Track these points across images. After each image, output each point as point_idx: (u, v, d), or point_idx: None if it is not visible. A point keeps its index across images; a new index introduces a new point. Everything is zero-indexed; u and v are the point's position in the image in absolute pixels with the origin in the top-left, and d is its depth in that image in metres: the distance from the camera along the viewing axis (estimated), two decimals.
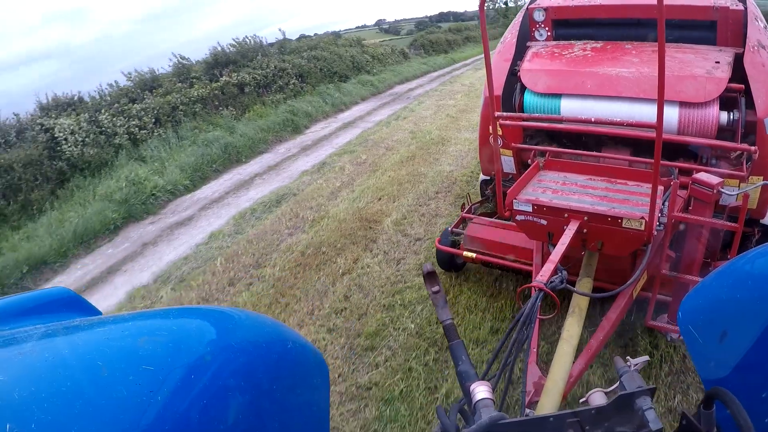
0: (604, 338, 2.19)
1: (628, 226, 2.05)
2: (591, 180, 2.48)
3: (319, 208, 5.59)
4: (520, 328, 1.50)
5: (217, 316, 1.02)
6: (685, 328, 1.25)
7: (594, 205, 2.17)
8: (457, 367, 1.18)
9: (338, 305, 3.69)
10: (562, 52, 3.01)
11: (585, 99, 2.68)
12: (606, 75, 2.67)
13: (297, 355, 1.08)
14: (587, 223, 2.11)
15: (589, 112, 2.62)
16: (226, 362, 0.87)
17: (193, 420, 0.77)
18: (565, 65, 2.87)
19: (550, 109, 2.75)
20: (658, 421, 0.92)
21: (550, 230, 2.21)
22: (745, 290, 1.13)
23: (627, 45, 2.98)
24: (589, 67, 2.79)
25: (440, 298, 1.31)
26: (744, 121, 2.47)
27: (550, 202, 2.19)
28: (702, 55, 2.70)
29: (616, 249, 2.18)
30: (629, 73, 2.64)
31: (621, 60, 2.80)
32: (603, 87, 2.64)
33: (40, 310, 1.06)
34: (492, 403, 1.03)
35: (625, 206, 2.16)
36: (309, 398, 1.09)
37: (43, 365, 0.74)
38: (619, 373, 1.02)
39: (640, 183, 2.41)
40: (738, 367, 1.08)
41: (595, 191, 2.34)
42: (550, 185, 2.43)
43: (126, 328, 0.90)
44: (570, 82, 2.73)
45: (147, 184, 6.71)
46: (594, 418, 0.95)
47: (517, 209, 2.24)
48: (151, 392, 0.73)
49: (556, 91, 2.73)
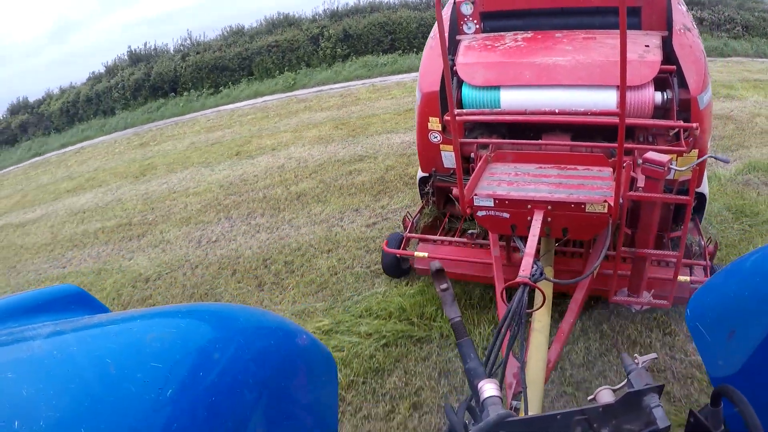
0: (573, 320, 2.24)
1: (592, 210, 2.08)
2: (542, 168, 2.48)
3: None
4: (509, 325, 1.51)
5: (224, 313, 1.00)
6: (693, 326, 1.24)
7: (552, 193, 2.18)
8: (466, 365, 1.17)
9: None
10: (494, 44, 2.99)
11: (524, 89, 2.68)
12: (543, 64, 2.68)
13: (305, 351, 1.06)
14: (551, 212, 2.13)
15: (529, 102, 2.63)
16: (234, 359, 0.86)
17: (201, 417, 0.76)
18: (500, 57, 2.86)
19: (489, 101, 2.73)
20: (666, 418, 0.91)
21: (514, 222, 2.21)
22: (753, 289, 1.13)
23: (557, 34, 2.98)
24: (525, 57, 2.80)
25: (448, 295, 1.29)
26: (678, 99, 2.54)
27: (512, 195, 2.19)
28: (631, 40, 2.71)
29: (581, 234, 2.23)
30: (565, 61, 2.66)
31: (555, 49, 2.81)
32: (541, 76, 2.65)
33: (49, 308, 1.05)
34: (500, 401, 1.02)
35: (583, 191, 2.19)
36: (317, 394, 1.08)
37: (52, 363, 0.73)
38: (627, 370, 1.00)
39: (589, 167, 2.44)
40: (746, 365, 1.08)
41: (549, 179, 2.35)
42: (503, 177, 2.41)
43: (134, 326, 0.88)
44: (508, 74, 2.72)
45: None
46: (601, 416, 0.94)
47: (478, 205, 2.23)
48: (159, 389, 0.72)
49: (494, 83, 2.71)
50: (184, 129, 10.00)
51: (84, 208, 6.78)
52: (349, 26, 12.68)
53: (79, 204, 7.08)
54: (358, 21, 12.91)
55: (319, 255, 4.05)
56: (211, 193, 5.93)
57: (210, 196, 5.84)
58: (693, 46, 2.68)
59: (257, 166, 6.60)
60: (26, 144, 14.28)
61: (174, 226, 5.21)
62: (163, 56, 13.92)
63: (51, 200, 7.90)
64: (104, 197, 7.02)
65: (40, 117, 15.04)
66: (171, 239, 4.93)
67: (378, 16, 12.85)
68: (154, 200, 6.21)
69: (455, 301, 1.29)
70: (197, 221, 5.21)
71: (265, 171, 6.32)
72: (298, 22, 13.64)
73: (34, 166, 11.72)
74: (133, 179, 7.44)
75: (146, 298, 3.94)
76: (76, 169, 9.41)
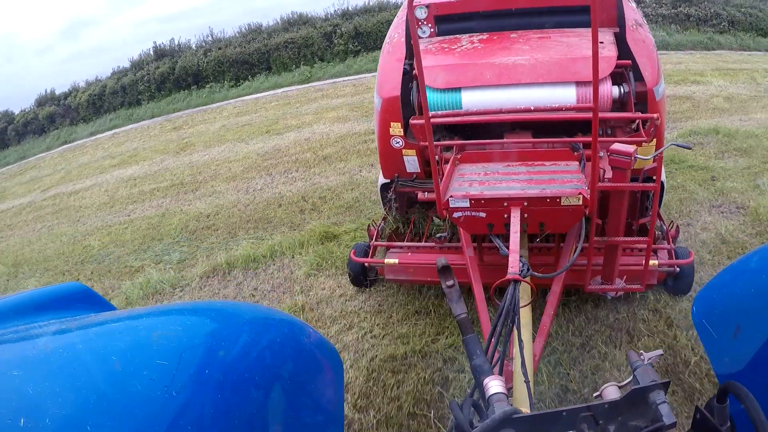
0: (553, 313, 2.30)
1: (568, 203, 2.13)
2: (510, 166, 2.53)
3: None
4: (504, 321, 1.50)
5: (231, 311, 1.02)
6: (699, 322, 1.24)
7: (526, 189, 2.22)
8: (472, 361, 1.18)
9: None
10: (451, 46, 3.01)
11: (486, 89, 2.71)
12: (503, 64, 2.72)
13: (312, 349, 1.08)
14: (528, 208, 2.18)
15: (491, 102, 2.68)
16: (240, 357, 0.87)
17: (207, 414, 0.76)
18: (459, 59, 2.88)
19: (451, 103, 2.75)
20: (672, 415, 0.91)
21: (490, 221, 2.23)
22: (759, 286, 1.13)
23: (512, 34, 3.05)
24: (484, 58, 2.83)
25: (455, 292, 1.30)
26: (635, 92, 2.66)
27: (488, 194, 2.21)
28: (585, 38, 2.84)
29: (558, 227, 2.30)
30: (525, 60, 2.71)
31: (512, 49, 2.86)
32: (502, 76, 2.68)
33: (55, 306, 1.06)
34: (505, 398, 1.03)
35: (555, 186, 2.24)
36: (323, 392, 1.09)
37: (58, 360, 0.73)
38: (633, 367, 1.01)
39: (556, 162, 2.51)
40: (752, 362, 1.07)
41: (519, 176, 2.40)
42: (474, 178, 2.43)
43: (140, 323, 0.89)
44: (469, 75, 2.74)
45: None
46: (607, 413, 0.94)
47: (454, 207, 2.24)
48: (165, 387, 0.73)
49: (456, 85, 2.73)
50: (213, 115, 11.01)
51: (134, 176, 7.76)
52: (360, 24, 13.71)
53: (127, 174, 8.06)
54: (367, 20, 13.96)
55: (345, 192, 5.09)
56: (250, 159, 6.92)
57: (249, 161, 6.83)
58: (645, 40, 2.79)
59: (287, 140, 7.59)
60: (54, 133, 15.30)
61: (222, 182, 6.20)
62: (186, 51, 14.97)
63: (97, 174, 8.86)
64: (150, 168, 8.00)
65: (67, 108, 16.06)
66: (222, 191, 5.91)
67: (386, 15, 13.88)
68: (199, 167, 7.20)
69: (461, 298, 1.30)
70: (242, 178, 6.20)
71: (294, 143, 7.32)
72: (312, 20, 14.70)
73: (69, 150, 12.67)
74: (175, 154, 8.43)
75: (210, 226, 4.93)
76: (115, 150, 10.39)
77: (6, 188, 10.69)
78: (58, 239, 5.97)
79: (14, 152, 15.12)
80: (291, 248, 3.99)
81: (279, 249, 4.01)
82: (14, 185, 10.69)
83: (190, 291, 3.75)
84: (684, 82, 8.39)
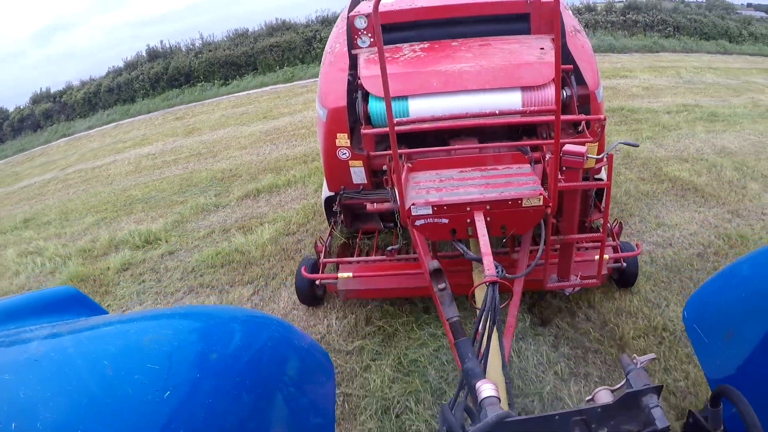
0: (516, 311, 2.32)
1: (529, 204, 2.17)
2: (464, 172, 2.55)
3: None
4: (485, 323, 1.49)
5: (222, 315, 1.04)
6: (690, 327, 1.26)
7: (484, 193, 2.25)
8: (463, 364, 1.18)
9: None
10: (394, 55, 3.04)
11: (433, 97, 2.74)
12: (449, 72, 2.75)
13: (303, 354, 1.10)
14: (490, 212, 2.19)
15: (438, 109, 2.71)
16: (231, 361, 0.89)
17: (198, 418, 0.77)
18: (404, 67, 2.90)
19: (398, 112, 2.75)
20: (665, 419, 0.93)
21: (453, 227, 2.24)
22: (750, 291, 1.16)
23: (453, 42, 3.12)
24: (428, 66, 2.86)
25: (446, 295, 1.29)
26: (577, 95, 2.77)
27: (450, 200, 2.23)
28: (525, 44, 2.93)
29: (519, 228, 2.31)
30: (470, 67, 2.75)
31: (455, 57, 2.91)
32: (449, 83, 2.72)
33: (47, 310, 1.08)
34: (498, 401, 1.04)
35: (512, 188, 2.28)
36: (314, 397, 1.10)
37: (49, 365, 0.74)
38: (626, 370, 1.01)
39: (509, 165, 2.57)
40: (743, 366, 1.09)
41: (475, 181, 2.42)
42: (430, 185, 2.44)
43: (131, 328, 0.90)
44: (415, 83, 2.77)
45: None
46: (600, 416, 0.96)
47: (416, 215, 2.24)
48: (156, 391, 0.74)
49: (403, 93, 2.74)
50: (211, 107, 12.48)
51: (152, 153, 9.17)
52: None
53: (145, 151, 9.45)
54: None
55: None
56: (255, 136, 8.49)
57: (254, 137, 8.40)
58: (585, 46, 2.91)
59: (283, 122, 9.19)
60: (52, 128, 16.40)
61: (235, 151, 7.76)
62: (177, 53, 16.38)
63: (114, 153, 10.13)
64: (165, 146, 9.42)
65: (62, 105, 17.20)
66: (236, 155, 7.47)
67: None
68: (211, 143, 8.71)
69: (453, 301, 1.29)
70: (252, 147, 7.78)
71: (290, 124, 8.93)
72: (294, 26, 16.39)
73: (73, 140, 13.80)
74: (185, 136, 9.89)
75: (234, 175, 6.49)
76: (124, 136, 11.70)
77: (18, 172, 11.65)
78: (97, 196, 7.13)
79: (12, 146, 16.09)
80: (302, 178, 5.63)
81: (293, 179, 5.64)
82: (26, 169, 11.65)
83: (231, 209, 5.31)
84: (614, 77, 10.24)
